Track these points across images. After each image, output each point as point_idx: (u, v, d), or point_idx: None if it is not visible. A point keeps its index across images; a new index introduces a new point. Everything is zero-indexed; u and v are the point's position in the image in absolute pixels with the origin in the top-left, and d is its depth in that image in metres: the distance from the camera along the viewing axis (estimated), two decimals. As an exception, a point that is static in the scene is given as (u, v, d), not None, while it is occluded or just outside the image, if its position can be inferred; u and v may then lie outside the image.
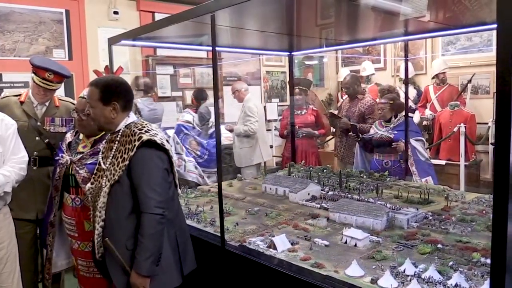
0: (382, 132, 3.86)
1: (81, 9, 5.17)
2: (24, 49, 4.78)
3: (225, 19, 2.48)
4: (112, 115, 2.01)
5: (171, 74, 5.93)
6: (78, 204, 2.30)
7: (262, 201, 3.06)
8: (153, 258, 1.87)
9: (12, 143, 2.42)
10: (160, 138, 1.96)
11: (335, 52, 6.95)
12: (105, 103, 2.00)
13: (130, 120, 2.07)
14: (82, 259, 2.33)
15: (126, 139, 1.97)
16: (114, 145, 2.02)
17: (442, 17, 2.80)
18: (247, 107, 4.87)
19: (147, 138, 1.91)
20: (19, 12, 4.75)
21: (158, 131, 2.03)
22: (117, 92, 2.02)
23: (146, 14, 5.64)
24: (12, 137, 2.44)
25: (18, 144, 2.48)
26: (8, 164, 2.40)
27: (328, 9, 2.78)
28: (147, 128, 1.98)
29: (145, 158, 1.91)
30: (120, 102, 2.01)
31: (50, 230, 2.45)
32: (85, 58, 5.19)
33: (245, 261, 2.18)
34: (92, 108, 2.03)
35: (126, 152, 1.93)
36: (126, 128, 2.03)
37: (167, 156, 2.00)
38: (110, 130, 2.07)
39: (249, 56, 6.20)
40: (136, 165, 1.91)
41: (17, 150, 2.47)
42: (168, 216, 1.95)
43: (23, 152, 2.50)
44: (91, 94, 2.02)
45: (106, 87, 2.01)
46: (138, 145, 1.90)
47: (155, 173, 1.92)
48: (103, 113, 2.01)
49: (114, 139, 2.04)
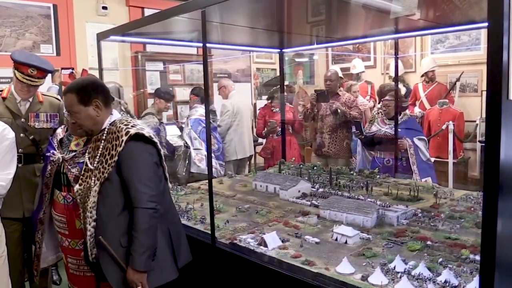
0: (386, 129, 3.85)
1: (69, 4, 5.10)
2: (10, 44, 4.70)
3: (215, 15, 2.46)
4: (96, 113, 2.00)
5: (161, 70, 5.88)
6: (69, 202, 2.26)
7: (253, 198, 3.06)
8: (149, 252, 1.87)
9: (1, 156, 2.31)
10: (148, 132, 1.95)
11: (325, 49, 6.96)
12: (86, 103, 1.99)
13: (114, 118, 2.05)
14: (72, 257, 2.29)
15: (112, 136, 1.95)
16: (101, 144, 2.00)
17: (432, 15, 2.82)
18: (222, 104, 4.99)
19: (135, 132, 1.90)
20: (5, 6, 4.67)
21: (144, 126, 2.02)
22: (94, 89, 2.01)
23: (136, 10, 5.58)
24: (5, 150, 2.33)
25: (9, 159, 2.37)
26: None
27: (319, 6, 2.78)
28: (133, 123, 1.98)
29: (134, 153, 1.90)
30: (100, 98, 2.00)
31: (39, 227, 2.40)
32: (73, 54, 5.12)
33: (235, 258, 2.18)
34: (75, 114, 2.01)
35: (114, 148, 1.91)
36: (111, 125, 2.01)
37: (156, 149, 1.98)
38: (97, 130, 2.05)
39: (239, 53, 6.18)
40: (126, 160, 1.89)
41: (5, 166, 2.34)
42: (160, 210, 1.94)
43: (11, 169, 2.38)
44: (69, 101, 2.00)
45: (82, 88, 1.99)
46: (126, 140, 1.89)
47: (146, 167, 1.90)
48: (87, 114, 2.00)
49: (100, 137, 2.02)
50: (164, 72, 5.91)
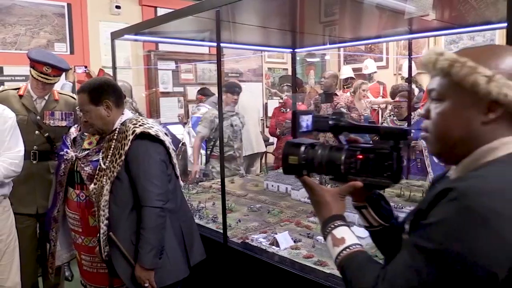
0: None
1: (83, 3, 5.15)
2: (25, 43, 4.76)
3: (229, 15, 2.47)
4: (107, 113, 2.02)
5: (173, 69, 5.91)
6: (83, 200, 2.29)
7: (264, 198, 3.06)
8: (155, 251, 1.88)
9: (8, 137, 2.35)
10: (155, 130, 1.96)
11: (337, 49, 6.94)
12: (97, 103, 2.01)
13: (125, 117, 2.07)
14: (86, 254, 2.32)
15: (122, 135, 1.98)
16: (112, 143, 2.02)
17: (447, 16, 2.79)
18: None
19: (141, 131, 1.91)
20: (20, 5, 4.73)
21: (154, 124, 2.04)
22: (105, 90, 2.03)
23: (148, 9, 5.62)
24: (10, 130, 2.36)
25: (15, 138, 2.41)
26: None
27: (332, 6, 2.77)
28: (141, 122, 1.99)
29: (140, 151, 1.92)
30: (111, 99, 2.03)
31: (54, 225, 2.43)
32: (86, 52, 5.17)
33: (247, 258, 2.18)
34: (87, 113, 2.04)
35: (122, 147, 1.94)
36: (122, 125, 2.03)
37: (163, 147, 2.00)
38: (108, 130, 2.07)
39: (251, 52, 6.18)
40: (133, 158, 1.92)
41: (14, 145, 2.38)
42: (170, 207, 1.95)
43: (19, 147, 2.42)
44: (81, 101, 2.04)
45: (93, 89, 2.02)
46: (132, 139, 1.91)
47: (152, 165, 1.92)
48: (98, 114, 2.02)
49: (111, 137, 2.05)
50: (176, 71, 5.94)
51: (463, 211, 0.75)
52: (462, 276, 0.74)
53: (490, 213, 0.73)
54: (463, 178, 0.83)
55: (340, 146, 1.07)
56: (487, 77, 0.81)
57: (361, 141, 1.09)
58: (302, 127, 1.13)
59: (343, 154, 1.04)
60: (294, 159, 1.10)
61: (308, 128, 1.14)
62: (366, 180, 1.02)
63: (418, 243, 0.80)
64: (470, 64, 0.82)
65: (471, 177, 0.80)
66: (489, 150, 0.84)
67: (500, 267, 0.72)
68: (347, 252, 0.97)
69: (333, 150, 1.07)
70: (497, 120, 0.83)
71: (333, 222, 1.02)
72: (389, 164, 0.99)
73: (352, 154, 1.03)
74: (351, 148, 1.05)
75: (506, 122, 0.84)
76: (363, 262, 0.93)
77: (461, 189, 0.77)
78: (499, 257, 0.73)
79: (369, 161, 1.01)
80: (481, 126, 0.84)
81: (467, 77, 0.82)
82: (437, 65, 0.86)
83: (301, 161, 1.09)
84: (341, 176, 1.06)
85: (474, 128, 0.85)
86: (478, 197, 0.75)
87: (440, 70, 0.86)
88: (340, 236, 0.99)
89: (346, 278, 0.96)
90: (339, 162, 1.04)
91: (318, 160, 1.08)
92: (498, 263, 0.72)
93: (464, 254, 0.74)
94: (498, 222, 0.73)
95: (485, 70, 0.81)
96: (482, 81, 0.81)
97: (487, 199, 0.74)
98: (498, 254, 0.73)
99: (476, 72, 0.81)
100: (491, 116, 0.83)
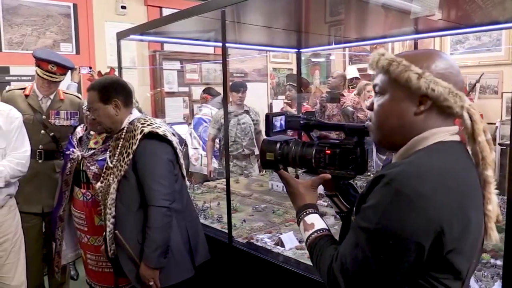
0: None
1: (89, 3, 5.16)
2: (31, 43, 4.79)
3: (234, 15, 2.47)
4: (115, 113, 2.03)
5: (178, 69, 5.92)
6: (88, 199, 2.30)
7: (269, 198, 3.06)
8: (161, 250, 1.89)
9: (15, 137, 2.36)
10: (163, 130, 1.97)
11: (342, 49, 6.92)
12: (106, 102, 2.02)
13: (134, 117, 2.08)
14: (91, 253, 2.33)
15: (130, 134, 1.99)
16: (120, 142, 2.03)
17: (453, 15, 2.77)
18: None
19: (149, 130, 1.93)
20: (26, 5, 4.75)
21: (162, 124, 2.05)
22: (114, 89, 2.04)
23: (154, 9, 5.62)
24: (16, 130, 2.38)
25: (22, 138, 2.42)
26: (6, 159, 2.33)
27: (337, 6, 2.76)
28: (149, 121, 2.00)
29: (147, 151, 1.93)
30: (120, 98, 2.04)
31: (59, 224, 2.45)
32: (92, 52, 5.18)
33: (252, 258, 2.18)
34: (95, 111, 2.05)
35: (130, 146, 1.95)
36: (130, 124, 2.04)
37: (171, 147, 2.00)
38: (116, 129, 2.08)
39: (256, 52, 6.18)
40: (140, 158, 1.93)
41: (20, 145, 2.40)
42: (177, 208, 1.96)
43: (26, 147, 2.44)
44: (91, 98, 2.05)
45: (103, 87, 2.03)
46: (140, 138, 1.92)
47: (159, 165, 1.93)
48: (106, 112, 2.03)
49: (119, 136, 2.06)
50: (181, 71, 5.95)
51: (393, 194, 0.87)
52: (396, 249, 0.87)
53: (416, 195, 0.85)
54: (395, 164, 0.95)
55: (311, 143, 1.20)
56: (417, 74, 0.94)
57: (330, 138, 1.22)
58: (276, 127, 1.26)
59: (313, 149, 1.18)
60: (270, 155, 1.24)
61: (281, 127, 1.27)
62: (334, 173, 1.16)
63: (359, 224, 0.93)
64: (405, 63, 0.96)
65: (400, 164, 0.92)
66: (420, 140, 0.97)
67: (426, 239, 0.85)
68: (315, 236, 1.09)
69: (305, 146, 1.20)
70: (427, 111, 0.96)
71: (305, 210, 1.16)
72: (353, 158, 1.12)
73: (321, 150, 1.17)
74: (321, 144, 1.18)
75: (436, 114, 0.97)
76: (326, 244, 1.05)
77: (392, 175, 0.89)
78: (424, 231, 0.85)
79: (335, 155, 1.15)
80: (414, 117, 0.97)
81: (402, 74, 0.96)
82: (379, 64, 1.00)
83: (277, 157, 1.23)
84: (312, 170, 1.20)
85: (407, 118, 0.97)
86: (406, 181, 0.87)
87: (381, 67, 1.00)
88: (310, 222, 1.13)
89: (312, 258, 1.08)
90: (310, 157, 1.19)
91: (292, 155, 1.21)
92: (423, 235, 0.85)
93: (396, 230, 0.86)
94: (422, 202, 0.85)
95: (416, 68, 0.95)
96: (413, 78, 0.94)
97: (414, 183, 0.86)
98: (424, 229, 0.85)
99: (409, 70, 0.95)
100: (422, 108, 0.96)
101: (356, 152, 1.12)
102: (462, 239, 0.88)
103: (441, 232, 0.85)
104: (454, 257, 0.88)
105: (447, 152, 0.95)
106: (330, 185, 1.25)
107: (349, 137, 1.15)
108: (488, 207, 0.95)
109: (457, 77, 0.99)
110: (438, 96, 0.94)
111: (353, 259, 0.92)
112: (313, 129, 1.25)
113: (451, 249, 0.87)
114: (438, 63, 0.97)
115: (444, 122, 0.98)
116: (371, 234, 0.89)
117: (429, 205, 0.85)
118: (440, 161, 0.92)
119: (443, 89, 0.94)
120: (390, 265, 0.88)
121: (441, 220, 0.85)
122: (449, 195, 0.87)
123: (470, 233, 0.90)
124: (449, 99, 0.94)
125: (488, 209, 0.95)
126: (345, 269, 0.93)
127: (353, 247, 0.93)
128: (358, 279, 0.91)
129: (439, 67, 0.96)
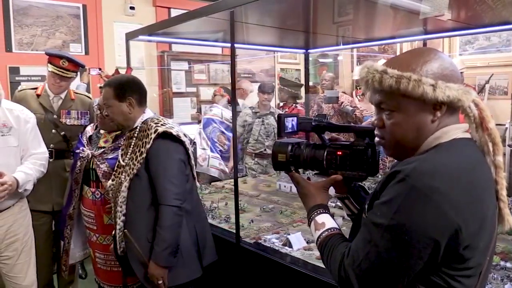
0: None
1: (98, 4, 5.19)
2: (41, 43, 4.83)
3: (242, 15, 2.47)
4: (129, 111, 2.05)
5: (186, 70, 5.94)
6: (98, 198, 2.32)
7: (277, 198, 3.06)
8: (171, 249, 1.90)
9: (30, 137, 2.39)
10: (177, 131, 1.99)
11: (350, 50, 6.89)
12: (120, 99, 2.04)
13: (147, 116, 2.10)
14: (100, 252, 2.35)
15: (143, 133, 2.00)
16: (133, 141, 2.05)
17: (462, 16, 2.76)
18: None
19: (163, 130, 1.94)
20: (36, 6, 4.79)
21: (174, 125, 2.07)
22: (130, 87, 2.06)
23: (162, 10, 5.65)
24: (31, 131, 2.40)
25: (37, 138, 2.45)
26: (29, 160, 2.36)
27: (346, 6, 2.76)
28: (163, 121, 2.02)
29: (161, 150, 1.94)
30: (135, 96, 2.05)
31: (68, 222, 2.47)
32: (101, 53, 5.22)
33: (260, 258, 2.19)
34: (109, 107, 2.07)
35: (144, 145, 1.96)
36: (143, 123, 2.05)
37: (183, 148, 2.02)
38: (129, 127, 2.09)
39: (263, 53, 6.18)
40: (153, 157, 1.94)
41: (37, 145, 2.43)
42: (187, 208, 1.97)
43: (43, 147, 2.48)
44: (106, 94, 2.07)
45: (119, 85, 2.05)
46: (154, 137, 1.93)
47: (172, 165, 1.94)
48: (120, 110, 2.05)
49: (132, 135, 2.08)
50: (189, 71, 5.96)
51: (408, 190, 0.87)
52: (410, 245, 0.86)
53: (432, 191, 0.85)
54: (409, 161, 0.93)
55: (322, 145, 1.21)
56: (432, 86, 0.93)
57: (341, 139, 1.22)
58: (288, 128, 1.27)
59: (325, 151, 1.18)
60: (282, 157, 1.25)
61: (293, 128, 1.28)
62: (345, 174, 1.16)
63: (373, 220, 0.92)
64: (415, 78, 0.93)
65: (416, 160, 0.92)
66: (434, 139, 0.97)
67: (442, 235, 0.84)
68: (326, 234, 1.09)
69: (316, 148, 1.21)
70: (442, 115, 0.97)
71: (316, 210, 1.16)
72: (364, 159, 1.12)
73: (332, 151, 1.17)
74: (332, 146, 1.18)
75: (447, 114, 0.97)
76: (337, 242, 1.05)
77: (407, 171, 0.88)
78: (440, 228, 0.84)
79: (346, 157, 1.15)
80: (430, 124, 0.97)
81: (415, 90, 0.93)
82: (384, 84, 0.97)
83: (289, 159, 1.24)
84: (323, 171, 1.21)
85: (425, 127, 0.97)
86: (421, 177, 0.87)
87: (389, 87, 0.96)
88: (321, 221, 1.13)
89: (323, 256, 1.08)
90: (321, 158, 1.19)
91: (303, 157, 1.22)
92: (439, 232, 0.84)
93: (412, 226, 0.85)
94: (438, 198, 0.84)
95: (427, 79, 0.93)
96: (429, 90, 0.93)
97: (429, 179, 0.86)
98: (439, 225, 0.84)
99: (422, 84, 0.93)
100: (439, 115, 0.96)
101: (367, 153, 1.12)
102: (478, 235, 0.88)
103: (458, 229, 0.84)
104: (470, 253, 0.87)
105: (461, 149, 0.95)
106: (341, 187, 1.25)
107: (360, 138, 1.15)
108: (502, 192, 0.96)
109: (455, 71, 0.98)
110: (452, 99, 0.94)
111: (365, 255, 0.91)
112: (325, 131, 1.26)
113: (467, 245, 0.86)
114: (434, 64, 0.96)
115: (452, 118, 0.99)
116: (385, 229, 0.88)
117: (445, 202, 0.84)
118: (455, 158, 0.92)
119: (456, 92, 0.94)
120: (403, 261, 0.87)
121: (457, 217, 0.84)
122: (465, 192, 0.86)
123: (485, 229, 0.89)
124: (463, 99, 0.95)
125: (502, 194, 0.96)
126: (357, 265, 0.92)
127: (365, 243, 0.92)
128: (370, 275, 0.91)
129: (440, 69, 0.96)
